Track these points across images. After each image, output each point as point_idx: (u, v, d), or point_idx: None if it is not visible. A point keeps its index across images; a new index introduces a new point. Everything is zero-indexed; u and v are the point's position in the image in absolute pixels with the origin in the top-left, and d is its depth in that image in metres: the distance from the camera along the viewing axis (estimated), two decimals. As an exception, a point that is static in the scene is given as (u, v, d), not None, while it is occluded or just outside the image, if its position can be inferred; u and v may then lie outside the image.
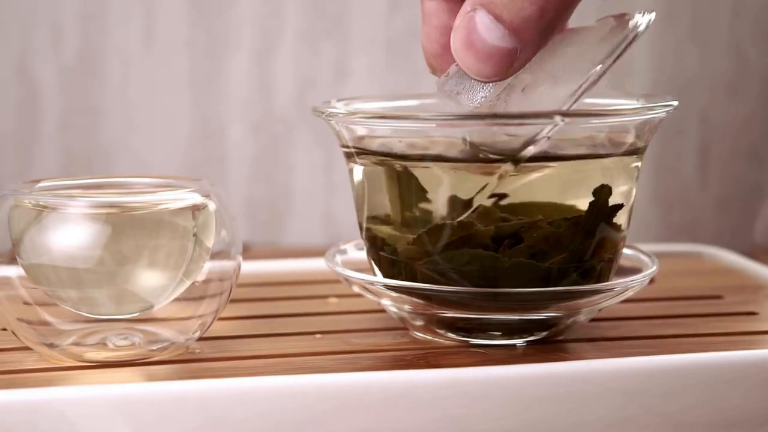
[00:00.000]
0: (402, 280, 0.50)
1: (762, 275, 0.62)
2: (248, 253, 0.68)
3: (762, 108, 0.84)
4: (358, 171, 0.51)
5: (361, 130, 0.50)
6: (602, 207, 0.49)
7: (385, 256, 0.51)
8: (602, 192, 0.49)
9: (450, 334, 0.51)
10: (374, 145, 0.50)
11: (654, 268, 0.53)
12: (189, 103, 0.84)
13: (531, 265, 0.48)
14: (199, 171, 0.84)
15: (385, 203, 0.51)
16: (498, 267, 0.48)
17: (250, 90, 0.84)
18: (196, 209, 0.49)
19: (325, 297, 0.59)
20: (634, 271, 0.53)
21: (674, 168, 0.85)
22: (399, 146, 0.50)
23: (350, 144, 0.51)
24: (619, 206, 0.50)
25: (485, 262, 0.48)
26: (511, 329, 0.51)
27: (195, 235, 0.49)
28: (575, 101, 0.47)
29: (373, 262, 0.52)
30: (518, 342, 0.51)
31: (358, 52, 0.57)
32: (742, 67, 0.84)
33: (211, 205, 0.50)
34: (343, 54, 0.83)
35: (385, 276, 0.51)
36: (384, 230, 0.51)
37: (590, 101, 0.52)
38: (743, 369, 0.47)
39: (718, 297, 0.59)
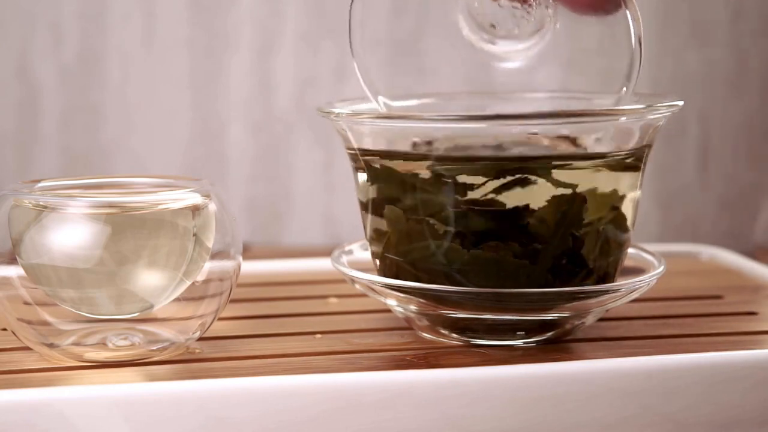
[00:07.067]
0: (403, 279, 0.50)
1: (762, 275, 0.62)
2: (248, 253, 0.68)
3: (762, 108, 0.84)
4: (362, 174, 0.52)
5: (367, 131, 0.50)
6: (573, 216, 0.49)
7: (389, 256, 0.51)
8: (575, 202, 0.49)
9: (453, 335, 0.51)
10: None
11: (662, 268, 0.53)
12: (189, 103, 0.84)
13: (491, 259, 0.48)
14: (199, 171, 0.84)
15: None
16: (460, 260, 0.48)
17: (250, 90, 0.84)
18: (196, 209, 0.49)
19: (326, 297, 0.59)
20: (638, 271, 0.53)
21: (674, 168, 0.85)
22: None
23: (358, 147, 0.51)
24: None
25: (449, 254, 0.48)
26: (516, 329, 0.51)
27: (195, 235, 0.49)
28: None
29: (377, 263, 0.52)
30: (521, 342, 0.51)
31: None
32: (742, 66, 0.84)
33: (211, 205, 0.50)
34: (343, 54, 0.83)
35: (388, 276, 0.51)
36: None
37: (597, 102, 0.52)
38: (743, 369, 0.47)
39: (718, 297, 0.59)
